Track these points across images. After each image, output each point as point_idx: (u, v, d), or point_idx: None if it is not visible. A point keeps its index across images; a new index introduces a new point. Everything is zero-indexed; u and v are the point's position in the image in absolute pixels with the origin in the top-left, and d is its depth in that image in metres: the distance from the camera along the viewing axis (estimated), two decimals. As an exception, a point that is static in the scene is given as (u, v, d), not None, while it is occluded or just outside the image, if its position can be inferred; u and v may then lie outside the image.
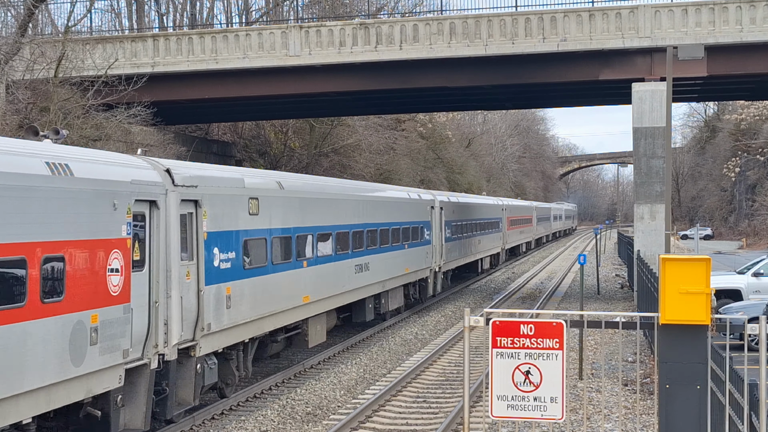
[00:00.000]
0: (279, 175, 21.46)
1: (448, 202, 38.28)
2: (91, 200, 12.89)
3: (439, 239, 35.57)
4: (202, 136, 50.19)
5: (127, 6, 57.15)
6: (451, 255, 38.54)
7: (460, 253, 41.22)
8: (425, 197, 34.49)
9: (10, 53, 31.30)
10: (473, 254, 45.00)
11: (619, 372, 17.08)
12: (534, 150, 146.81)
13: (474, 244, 45.01)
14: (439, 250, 35.58)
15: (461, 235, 41.21)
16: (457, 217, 39.86)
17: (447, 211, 37.40)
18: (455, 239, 39.61)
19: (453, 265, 39.77)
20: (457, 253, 40.06)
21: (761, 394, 8.81)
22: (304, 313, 21.34)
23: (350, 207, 24.98)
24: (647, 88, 32.83)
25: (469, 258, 43.85)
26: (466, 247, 42.58)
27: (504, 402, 9.05)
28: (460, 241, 41.09)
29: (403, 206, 30.80)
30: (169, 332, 14.89)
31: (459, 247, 40.72)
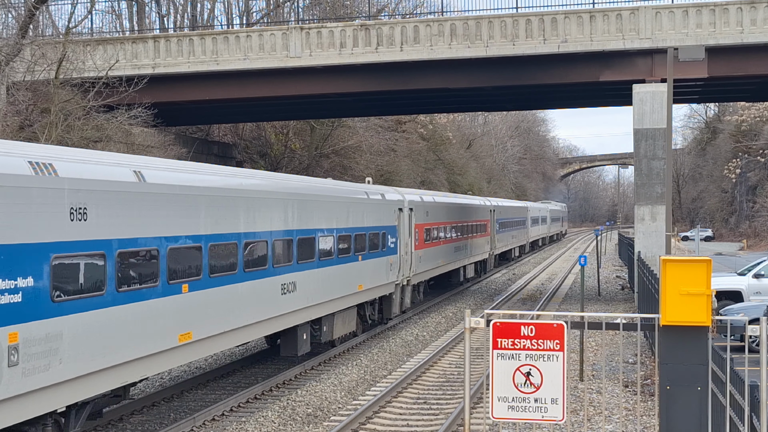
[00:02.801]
0: (141, 162, 15.00)
1: (420, 203, 33.25)
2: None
3: (408, 247, 30.71)
4: (202, 137, 50.22)
5: (127, 7, 57.20)
6: (425, 264, 33.56)
7: (437, 261, 36.09)
8: (391, 197, 29.19)
9: (11, 54, 31.32)
10: (454, 262, 40.14)
11: (620, 373, 17.08)
12: (535, 151, 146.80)
13: (455, 251, 39.94)
14: (409, 260, 30.79)
15: (438, 240, 36.16)
16: (433, 219, 35.07)
17: (419, 213, 32.61)
18: (431, 246, 34.69)
19: (427, 276, 35.08)
20: (432, 261, 35.02)
21: (762, 395, 8.81)
22: (168, 362, 15.10)
23: (271, 208, 19.10)
24: (648, 89, 32.83)
25: (448, 266, 38.78)
26: (445, 255, 37.46)
27: (505, 403, 9.05)
28: (438, 248, 36.11)
29: (356, 208, 24.93)
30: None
31: (435, 254, 35.65)
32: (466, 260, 43.41)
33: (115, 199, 13.21)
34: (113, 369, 13.19)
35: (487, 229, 49.54)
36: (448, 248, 38.38)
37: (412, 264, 31.19)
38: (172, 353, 15.00)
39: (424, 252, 33.47)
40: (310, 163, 55.08)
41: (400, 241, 29.41)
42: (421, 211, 32.86)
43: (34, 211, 11.47)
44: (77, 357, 12.21)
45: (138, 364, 13.88)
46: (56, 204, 11.90)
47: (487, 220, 49.12)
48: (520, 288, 44.71)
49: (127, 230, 13.45)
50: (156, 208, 14.38)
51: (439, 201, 37.40)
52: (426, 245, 33.63)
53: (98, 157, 13.91)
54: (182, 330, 15.13)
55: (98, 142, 31.70)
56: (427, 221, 33.91)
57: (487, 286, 46.45)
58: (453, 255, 39.46)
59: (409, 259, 30.90)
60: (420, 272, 32.80)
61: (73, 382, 12.23)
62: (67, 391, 12.22)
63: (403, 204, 30.17)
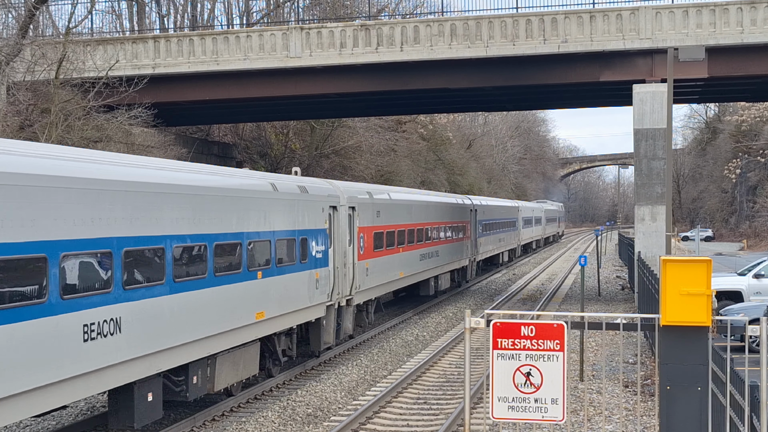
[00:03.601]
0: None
1: (367, 201, 26.44)
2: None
3: (348, 257, 24.29)
4: (202, 137, 50.23)
5: (127, 7, 57.21)
6: (376, 277, 27.25)
7: (394, 273, 29.75)
8: (318, 191, 22.17)
9: (11, 55, 31.32)
10: (421, 272, 33.85)
11: (620, 373, 17.08)
12: (535, 151, 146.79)
13: (421, 259, 33.56)
14: (349, 273, 24.57)
15: (396, 247, 29.84)
16: (387, 221, 28.63)
17: (365, 213, 26.09)
18: (383, 254, 28.10)
19: (379, 293, 28.46)
20: (386, 273, 28.60)
21: (762, 395, 8.80)
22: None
23: (61, 202, 12.32)
24: (648, 89, 32.83)
25: (412, 278, 32.67)
26: (406, 264, 31.24)
27: (505, 403, 9.05)
28: (394, 256, 29.75)
29: (252, 206, 18.18)
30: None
31: (391, 265, 29.13)
32: (439, 269, 36.91)
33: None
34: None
35: (467, 232, 43.39)
36: (411, 256, 32.01)
37: (354, 278, 24.78)
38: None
39: (374, 263, 26.83)
40: (310, 163, 55.08)
41: (334, 250, 23.02)
42: (368, 210, 26.38)
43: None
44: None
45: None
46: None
47: (466, 221, 43.05)
48: (520, 288, 44.70)
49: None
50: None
51: (396, 198, 30.77)
52: (376, 254, 27.12)
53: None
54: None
55: (98, 142, 31.70)
56: (378, 223, 27.46)
57: (487, 286, 46.45)
58: (418, 264, 33.04)
59: (350, 272, 24.42)
60: (367, 288, 26.28)
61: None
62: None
63: (338, 201, 23.55)
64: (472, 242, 44.75)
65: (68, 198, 12.44)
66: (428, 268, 34.88)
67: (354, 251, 24.87)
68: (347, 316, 24.90)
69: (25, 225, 11.50)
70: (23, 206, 11.50)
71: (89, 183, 12.95)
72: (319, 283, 21.80)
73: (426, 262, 34.34)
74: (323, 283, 22.10)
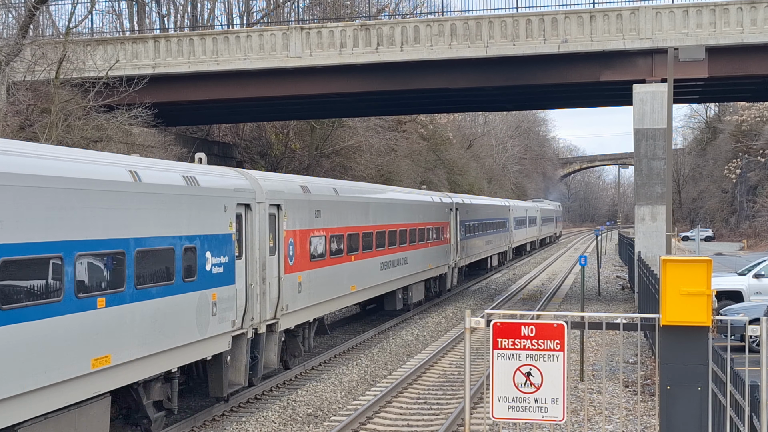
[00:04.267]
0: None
1: (300, 198, 20.99)
2: None
3: (267, 270, 18.74)
4: (203, 137, 50.24)
5: (128, 7, 57.22)
6: (313, 294, 21.63)
7: (341, 287, 24.13)
8: (219, 183, 17.18)
9: (11, 54, 31.33)
10: (383, 284, 28.56)
11: (620, 373, 17.08)
12: (535, 151, 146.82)
13: (382, 268, 28.22)
14: (271, 291, 19.09)
15: (344, 255, 24.41)
16: (329, 222, 23.09)
17: (298, 213, 20.78)
18: (324, 265, 22.53)
19: (321, 312, 22.62)
20: (329, 288, 23.00)
21: (762, 395, 8.81)
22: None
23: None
24: (648, 89, 32.83)
25: (369, 291, 27.17)
26: (359, 275, 25.67)
27: (505, 403, 9.05)
28: (342, 267, 24.13)
29: (94, 202, 12.86)
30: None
31: (336, 277, 23.55)
32: (409, 279, 31.85)
33: None
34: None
35: (446, 234, 38.05)
36: (368, 266, 26.69)
37: (280, 297, 19.47)
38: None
39: (310, 276, 21.47)
40: (310, 163, 55.10)
41: (246, 262, 17.92)
42: (302, 209, 21.06)
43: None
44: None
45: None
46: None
47: (445, 222, 37.78)
48: (521, 288, 44.71)
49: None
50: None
51: (346, 195, 25.18)
52: (315, 264, 21.82)
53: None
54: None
55: (98, 142, 31.71)
56: (318, 226, 22.19)
57: (487, 286, 46.45)
58: (379, 274, 27.87)
59: (273, 289, 19.19)
60: (300, 309, 20.86)
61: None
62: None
63: (252, 197, 18.25)
64: (453, 246, 39.34)
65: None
66: (393, 278, 29.57)
67: (280, 262, 19.47)
68: (270, 346, 19.31)
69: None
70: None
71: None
72: (219, 307, 16.37)
73: (390, 271, 28.97)
74: (225, 307, 16.69)
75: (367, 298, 27.78)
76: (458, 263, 40.78)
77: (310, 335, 22.38)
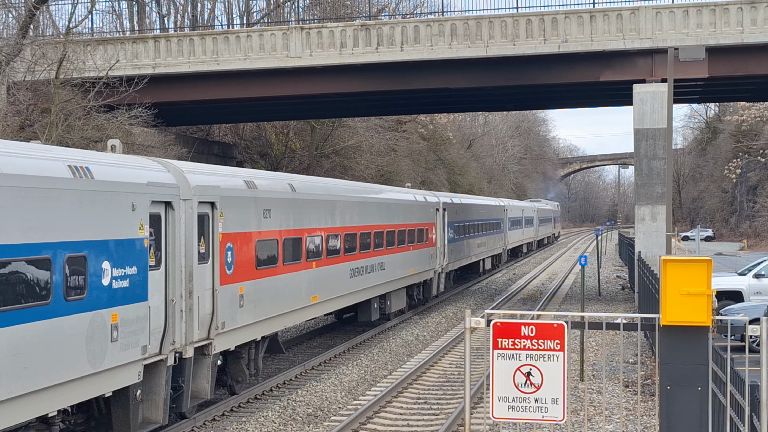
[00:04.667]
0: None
1: (244, 196, 17.84)
2: None
3: (197, 282, 15.54)
4: (203, 137, 50.26)
5: (128, 7, 57.22)
6: (261, 307, 18.40)
7: (300, 298, 20.85)
8: (125, 176, 13.96)
9: (11, 54, 31.33)
10: (353, 293, 25.33)
11: (620, 373, 17.08)
12: (535, 151, 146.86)
13: (352, 275, 25.09)
14: (202, 306, 15.84)
15: (303, 262, 21.05)
16: (283, 224, 19.80)
17: (240, 212, 17.53)
18: (274, 274, 19.21)
19: (270, 328, 19.20)
20: (282, 300, 19.61)
21: (762, 395, 8.81)
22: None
23: None
24: (648, 89, 32.83)
25: (334, 303, 23.86)
26: (323, 284, 22.45)
27: (505, 403, 9.05)
28: (301, 275, 20.86)
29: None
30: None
31: (293, 287, 20.27)
32: (387, 286, 28.73)
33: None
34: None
35: (431, 236, 34.98)
36: (334, 273, 23.35)
37: (216, 313, 16.20)
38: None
39: (256, 287, 18.14)
40: (310, 163, 55.11)
41: (165, 272, 14.69)
42: (245, 208, 17.76)
43: None
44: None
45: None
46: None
47: (430, 223, 34.82)
48: (521, 288, 44.71)
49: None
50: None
51: (304, 191, 21.51)
52: (262, 273, 18.46)
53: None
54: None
55: (98, 142, 31.70)
56: (268, 228, 18.82)
57: (487, 286, 46.46)
58: (348, 282, 24.70)
59: (205, 304, 15.90)
60: (242, 326, 17.57)
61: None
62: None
63: (175, 193, 14.90)
64: (440, 249, 36.17)
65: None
66: (366, 286, 26.43)
67: (215, 271, 16.26)
68: (200, 372, 16.04)
69: None
70: None
71: None
72: (122, 331, 13.29)
73: (362, 278, 25.86)
74: (133, 330, 13.57)
75: (333, 310, 24.61)
76: (446, 268, 37.63)
77: (257, 356, 19.04)
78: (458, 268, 42.73)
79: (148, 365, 14.10)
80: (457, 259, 40.47)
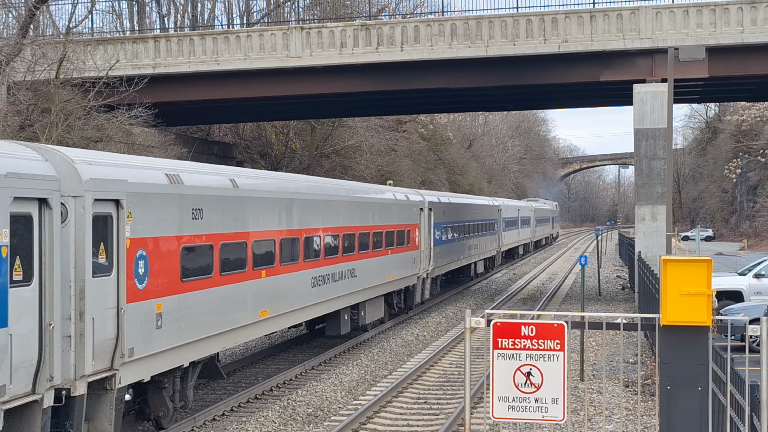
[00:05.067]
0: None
1: (162, 193, 14.79)
2: None
3: (90, 299, 12.64)
4: (203, 137, 50.26)
5: (128, 7, 57.23)
6: (188, 328, 15.36)
7: (245, 313, 17.84)
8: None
9: (11, 54, 31.33)
10: (316, 305, 22.03)
11: (621, 373, 17.08)
12: (535, 151, 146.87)
13: (315, 285, 21.77)
14: (104, 330, 13.10)
15: (248, 271, 18.04)
16: (221, 227, 16.76)
17: (158, 212, 14.57)
18: (208, 286, 16.23)
19: (202, 353, 16.16)
20: (217, 318, 16.57)
21: (762, 395, 8.80)
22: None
23: None
24: (648, 89, 32.83)
25: (289, 318, 20.62)
26: (275, 296, 19.34)
27: (505, 403, 9.05)
28: (244, 287, 17.80)
29: None
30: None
31: (233, 301, 17.22)
32: (359, 295, 25.43)
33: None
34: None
35: (415, 239, 31.80)
36: (290, 282, 20.09)
37: (122, 337, 13.32)
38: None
39: (181, 302, 15.16)
40: (310, 163, 55.11)
41: (44, 289, 11.82)
42: (165, 207, 14.78)
43: None
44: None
45: None
46: None
47: (413, 224, 31.72)
48: (521, 288, 44.71)
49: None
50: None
51: (249, 190, 18.27)
52: (189, 286, 15.45)
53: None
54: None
55: (98, 142, 31.71)
56: (198, 231, 15.80)
57: (487, 285, 46.46)
58: (309, 293, 21.34)
59: (107, 327, 13.06)
60: (163, 350, 14.60)
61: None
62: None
63: (53, 188, 12.05)
64: (424, 252, 33.03)
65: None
66: (333, 296, 23.04)
67: (120, 286, 13.39)
68: (101, 411, 13.16)
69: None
70: None
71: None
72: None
73: (327, 288, 22.54)
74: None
75: (290, 325, 21.48)
76: (431, 273, 34.40)
77: (185, 385, 15.94)
78: (447, 273, 40.05)
79: (10, 410, 11.14)
80: (445, 262, 37.51)
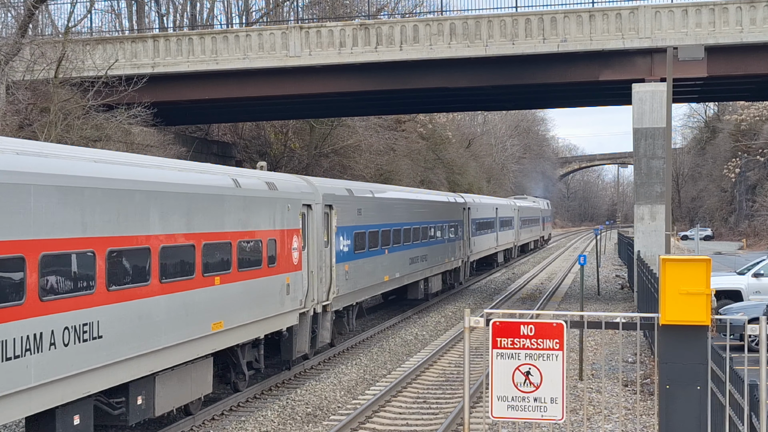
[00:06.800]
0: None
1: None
2: None
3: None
4: (202, 136, 50.22)
5: (127, 7, 57.20)
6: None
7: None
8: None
9: (10, 54, 31.31)
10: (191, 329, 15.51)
11: (620, 372, 17.08)
12: (534, 151, 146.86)
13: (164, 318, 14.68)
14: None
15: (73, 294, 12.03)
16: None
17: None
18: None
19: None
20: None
21: (761, 394, 8.81)
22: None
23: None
24: (647, 88, 32.83)
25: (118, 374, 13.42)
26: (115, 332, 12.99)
27: (504, 403, 9.05)
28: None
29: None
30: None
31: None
32: (256, 328, 18.41)
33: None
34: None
35: (289, 255, 19.79)
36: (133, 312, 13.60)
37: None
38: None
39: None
40: (309, 162, 55.07)
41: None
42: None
43: None
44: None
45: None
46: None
47: (290, 230, 19.96)
48: (520, 287, 44.72)
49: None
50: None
51: (83, 175, 12.70)
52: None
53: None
54: None
55: (97, 141, 31.69)
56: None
57: (486, 285, 46.47)
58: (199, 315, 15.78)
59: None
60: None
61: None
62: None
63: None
64: (315, 275, 21.55)
65: None
66: (184, 338, 15.35)
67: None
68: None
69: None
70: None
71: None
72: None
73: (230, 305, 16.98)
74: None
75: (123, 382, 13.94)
76: (334, 303, 23.12)
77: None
78: (369, 299, 30.16)
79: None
80: (360, 286, 25.88)
